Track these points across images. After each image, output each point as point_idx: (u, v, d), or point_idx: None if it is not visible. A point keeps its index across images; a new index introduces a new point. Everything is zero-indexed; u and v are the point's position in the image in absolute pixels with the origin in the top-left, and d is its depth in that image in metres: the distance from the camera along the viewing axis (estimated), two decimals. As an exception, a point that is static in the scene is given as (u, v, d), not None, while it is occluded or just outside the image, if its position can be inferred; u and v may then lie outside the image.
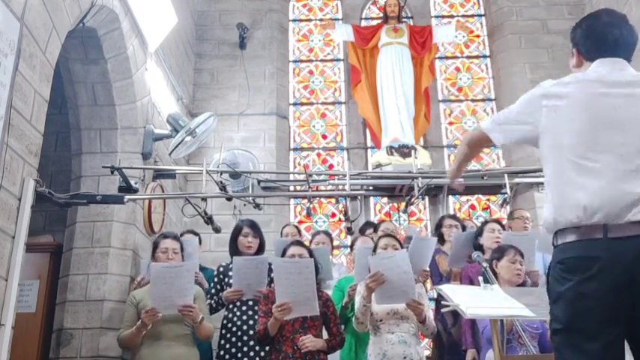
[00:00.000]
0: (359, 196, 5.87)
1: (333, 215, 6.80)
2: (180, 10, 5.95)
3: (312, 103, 7.32)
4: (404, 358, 3.24)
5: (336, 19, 7.69)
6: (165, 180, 5.47)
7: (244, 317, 3.73)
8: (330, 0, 7.88)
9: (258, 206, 5.05)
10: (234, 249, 4.03)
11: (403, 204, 5.64)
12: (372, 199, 6.75)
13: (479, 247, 3.91)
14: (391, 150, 6.35)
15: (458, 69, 7.46)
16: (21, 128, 3.19)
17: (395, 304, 3.28)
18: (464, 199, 6.78)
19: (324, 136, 7.16)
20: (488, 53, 7.50)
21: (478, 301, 2.65)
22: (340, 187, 5.90)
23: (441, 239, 4.48)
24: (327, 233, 4.79)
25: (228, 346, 3.69)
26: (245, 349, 3.65)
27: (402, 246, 3.57)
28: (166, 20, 5.32)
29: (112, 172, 4.43)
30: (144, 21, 4.88)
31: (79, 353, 4.30)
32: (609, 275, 1.75)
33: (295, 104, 7.31)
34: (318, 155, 7.05)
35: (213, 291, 3.95)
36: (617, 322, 1.76)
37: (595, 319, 1.75)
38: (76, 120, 4.81)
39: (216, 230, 4.86)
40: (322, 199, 6.61)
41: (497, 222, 4.19)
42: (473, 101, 7.27)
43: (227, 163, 5.54)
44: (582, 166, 1.87)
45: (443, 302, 2.95)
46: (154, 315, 3.34)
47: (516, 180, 5.31)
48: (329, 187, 6.00)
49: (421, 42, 7.03)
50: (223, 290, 3.89)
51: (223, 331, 3.76)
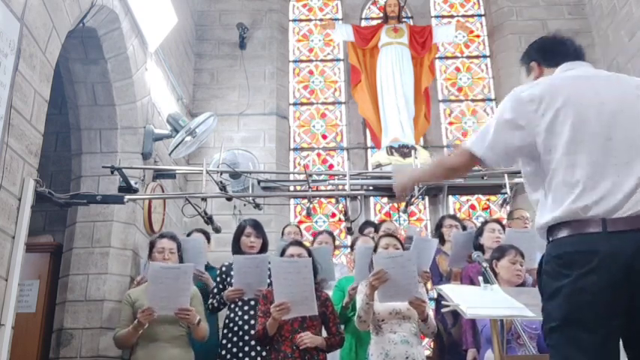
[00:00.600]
0: (359, 196, 5.88)
1: (333, 215, 6.80)
2: (180, 10, 5.95)
3: (312, 103, 7.32)
4: (406, 357, 3.24)
5: (336, 19, 7.69)
6: (165, 180, 5.47)
7: (246, 317, 3.73)
8: (330, 0, 7.88)
9: (258, 206, 5.05)
10: (237, 249, 4.03)
11: (403, 204, 5.64)
12: (372, 199, 6.74)
13: (479, 247, 3.91)
14: (391, 150, 6.35)
15: (458, 69, 7.45)
16: (21, 128, 3.19)
17: (397, 302, 3.28)
18: (464, 199, 6.78)
19: (324, 136, 7.15)
20: (488, 53, 7.50)
21: (478, 301, 2.65)
22: (340, 187, 5.89)
23: (441, 239, 4.48)
24: (330, 233, 4.78)
25: (230, 345, 3.68)
26: (247, 349, 3.64)
27: (402, 246, 3.57)
28: (166, 20, 5.32)
29: (112, 172, 4.44)
30: (144, 21, 4.88)
31: (79, 353, 4.30)
32: (608, 269, 1.73)
33: (295, 104, 7.31)
34: (318, 155, 7.05)
35: (215, 290, 3.95)
36: (616, 315, 1.75)
37: (594, 313, 1.74)
38: (76, 120, 4.81)
39: (216, 230, 4.87)
40: (322, 199, 6.60)
41: (498, 222, 4.19)
42: (473, 101, 7.26)
43: (227, 163, 5.54)
44: (577, 161, 1.86)
45: (443, 302, 2.94)
46: (150, 314, 3.33)
47: (516, 180, 5.30)
48: (329, 187, 5.99)
49: (421, 42, 7.03)
50: (225, 289, 3.89)
51: (225, 331, 3.76)
